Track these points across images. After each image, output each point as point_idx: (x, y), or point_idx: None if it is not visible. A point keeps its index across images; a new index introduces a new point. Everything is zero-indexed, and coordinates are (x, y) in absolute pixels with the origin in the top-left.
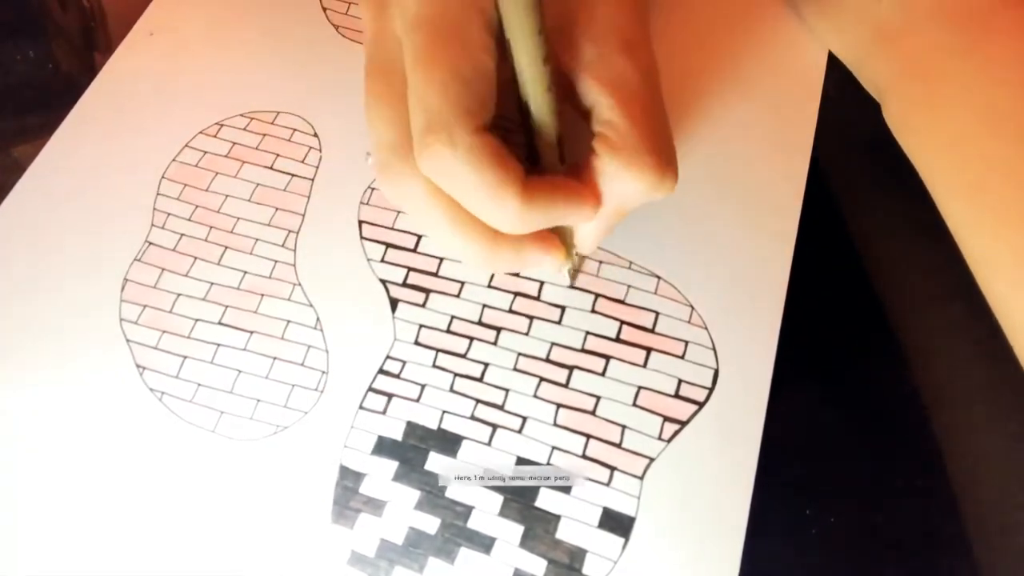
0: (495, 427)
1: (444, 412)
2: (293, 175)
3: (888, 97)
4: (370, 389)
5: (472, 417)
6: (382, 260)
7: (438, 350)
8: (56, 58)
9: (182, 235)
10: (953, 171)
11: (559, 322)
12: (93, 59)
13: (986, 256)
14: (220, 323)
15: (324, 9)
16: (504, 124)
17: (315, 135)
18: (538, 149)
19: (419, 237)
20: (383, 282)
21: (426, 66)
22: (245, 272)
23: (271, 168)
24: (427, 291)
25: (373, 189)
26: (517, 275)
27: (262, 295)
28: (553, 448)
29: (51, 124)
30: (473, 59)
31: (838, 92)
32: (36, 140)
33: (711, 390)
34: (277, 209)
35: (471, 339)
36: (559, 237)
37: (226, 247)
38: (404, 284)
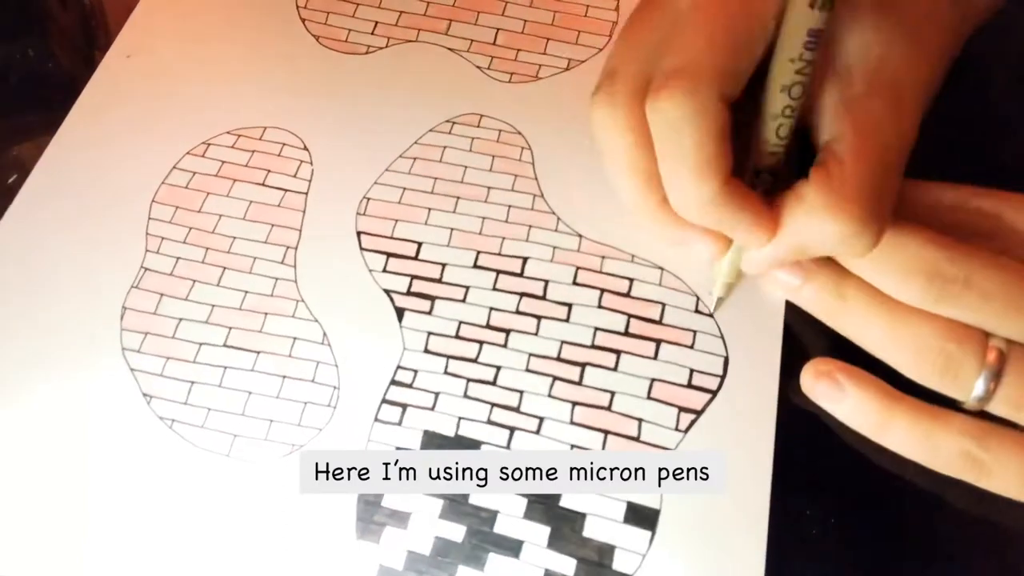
0: (513, 430)
1: (460, 419)
2: (286, 190)
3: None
4: (384, 401)
5: (489, 421)
6: (384, 270)
7: (449, 356)
8: (57, 56)
9: (178, 258)
10: None
11: (567, 320)
12: (94, 57)
13: None
14: (225, 345)
15: (303, 20)
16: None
17: (305, 148)
18: (757, 157)
19: (420, 244)
20: (387, 292)
21: (709, 14)
22: (246, 292)
23: (263, 184)
24: (432, 298)
25: (369, 199)
26: (523, 276)
27: (265, 314)
28: (572, 447)
29: (52, 122)
30: (751, 30)
31: None
32: (37, 138)
33: (723, 377)
34: (273, 226)
35: (481, 343)
36: (727, 238)
37: (224, 268)
38: (408, 292)
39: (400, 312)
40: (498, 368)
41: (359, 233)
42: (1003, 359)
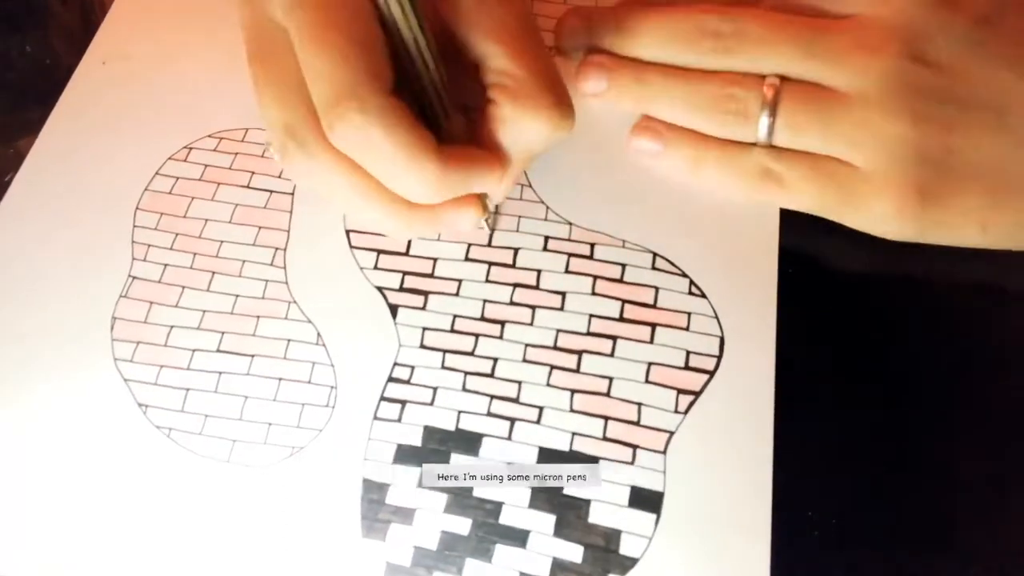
0: (513, 420)
1: (460, 412)
2: (272, 191)
3: None
4: (382, 398)
5: (488, 413)
6: (375, 267)
7: (445, 351)
8: (56, 51)
9: (166, 265)
10: None
11: (561, 308)
12: None
13: None
14: (219, 351)
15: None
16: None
17: None
18: (433, 113)
19: (409, 240)
20: (380, 289)
21: (319, 39)
22: (237, 296)
23: (248, 187)
24: (425, 293)
25: None
26: (515, 267)
27: (258, 317)
28: (573, 434)
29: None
30: (365, 25)
31: None
32: (36, 134)
33: (719, 357)
34: (260, 228)
35: (476, 336)
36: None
37: (213, 272)
38: (401, 289)
39: (394, 309)
40: (495, 360)
41: (348, 231)
42: (778, 91)
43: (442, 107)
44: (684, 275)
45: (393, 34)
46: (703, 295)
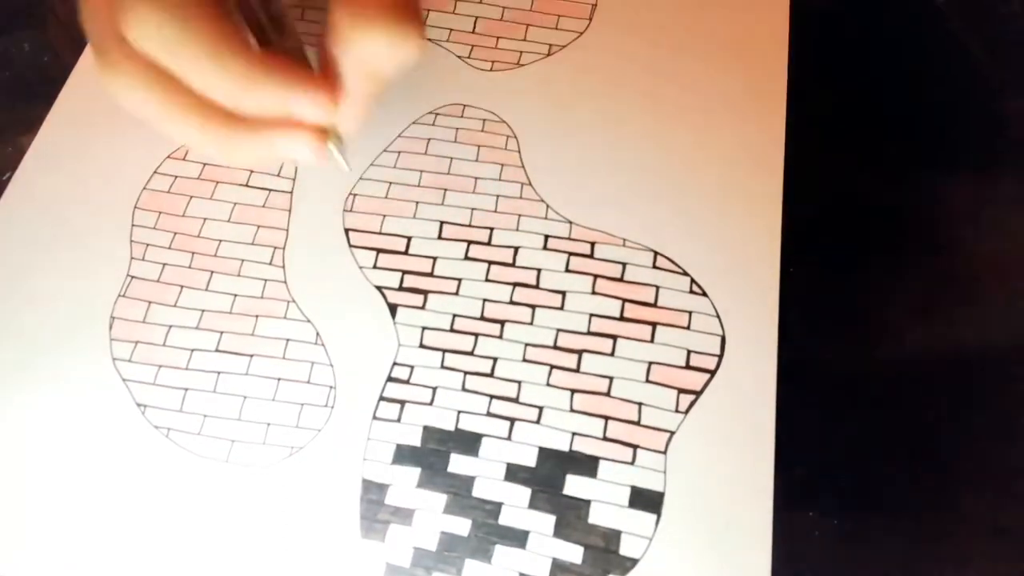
0: (513, 420)
1: (459, 412)
2: (271, 190)
3: None
4: (381, 398)
5: (488, 413)
6: (374, 266)
7: (445, 350)
8: (55, 49)
9: (164, 265)
10: None
11: (561, 307)
12: None
13: None
14: (217, 350)
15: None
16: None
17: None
18: (262, 30)
19: (409, 239)
20: (379, 288)
21: None
22: (235, 295)
23: (247, 185)
24: (425, 292)
25: (355, 196)
26: (515, 266)
27: (257, 316)
28: (573, 434)
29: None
30: None
31: (809, 40)
32: (36, 131)
33: (720, 357)
34: (259, 227)
35: (476, 335)
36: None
37: (212, 272)
38: (400, 288)
39: (393, 308)
40: (495, 359)
41: (347, 230)
42: None
43: (271, 21)
44: (685, 274)
45: None
46: (704, 294)
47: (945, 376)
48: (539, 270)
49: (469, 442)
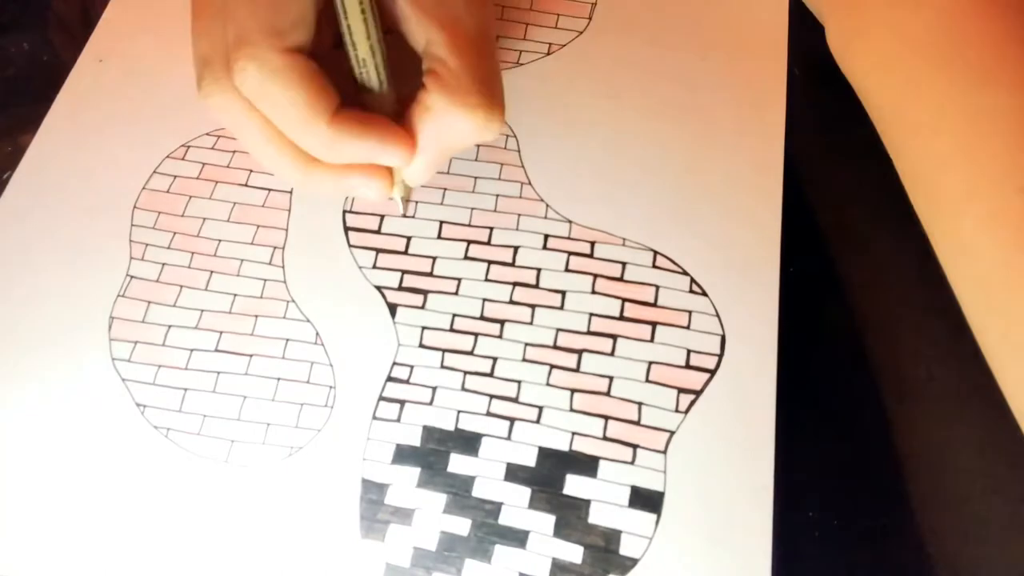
0: (512, 420)
1: (459, 412)
2: (270, 190)
3: (827, 21)
4: (381, 398)
5: (488, 413)
6: (374, 266)
7: (444, 350)
8: (55, 48)
9: (164, 264)
10: (880, 92)
11: (561, 307)
12: None
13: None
14: (217, 350)
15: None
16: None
17: None
18: (359, 79)
19: (408, 238)
20: (378, 288)
21: None
22: (235, 295)
23: (246, 185)
24: (424, 292)
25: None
26: (515, 265)
27: (256, 316)
28: (573, 434)
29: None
30: None
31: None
32: (36, 132)
33: (720, 356)
34: (259, 226)
35: (476, 335)
36: (387, 168)
37: (211, 271)
38: (400, 288)
39: (393, 308)
40: (495, 359)
41: (347, 229)
42: None
43: (375, 75)
44: (685, 273)
45: None
46: (704, 293)
47: (946, 376)
48: (539, 270)
49: (469, 442)
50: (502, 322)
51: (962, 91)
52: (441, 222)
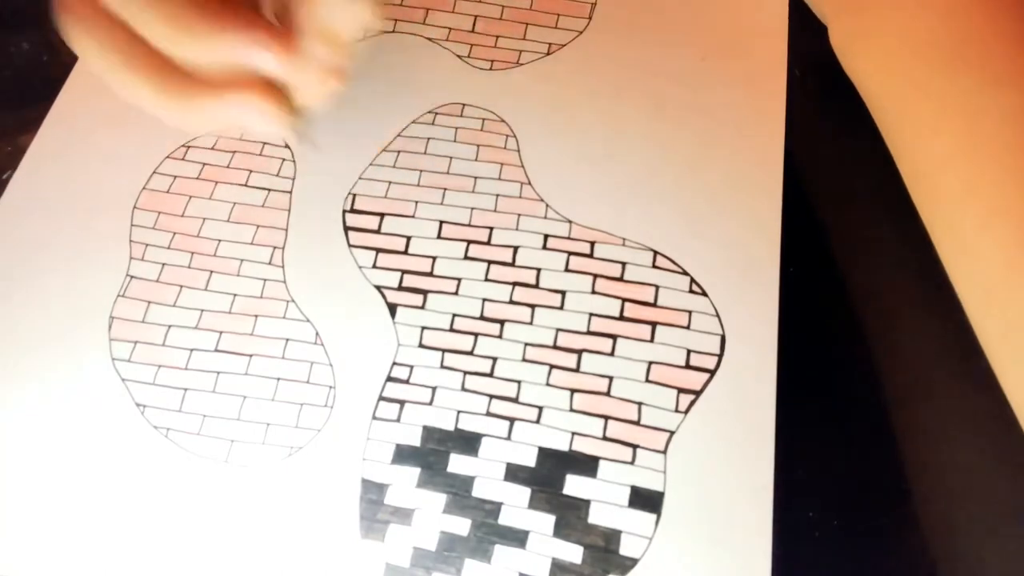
0: (512, 420)
1: (459, 412)
2: (270, 190)
3: (830, 20)
4: (381, 398)
5: (488, 413)
6: (374, 266)
7: (444, 350)
8: (55, 48)
9: (164, 264)
10: (883, 93)
11: (561, 307)
12: None
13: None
14: (217, 350)
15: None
16: None
17: (287, 146)
18: None
19: (408, 238)
20: (378, 288)
21: None
22: (235, 295)
23: (246, 185)
24: (424, 292)
25: (355, 195)
26: (514, 265)
27: (256, 316)
28: (573, 434)
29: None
30: None
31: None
32: (36, 132)
33: (720, 356)
34: (258, 227)
35: (476, 335)
36: (276, 92)
37: (211, 271)
38: (400, 288)
39: (393, 308)
40: (494, 359)
41: (347, 229)
42: None
43: None
44: (685, 273)
45: None
46: (704, 293)
47: (947, 375)
48: (539, 270)
49: (469, 442)
50: (502, 322)
51: (965, 91)
52: (441, 222)
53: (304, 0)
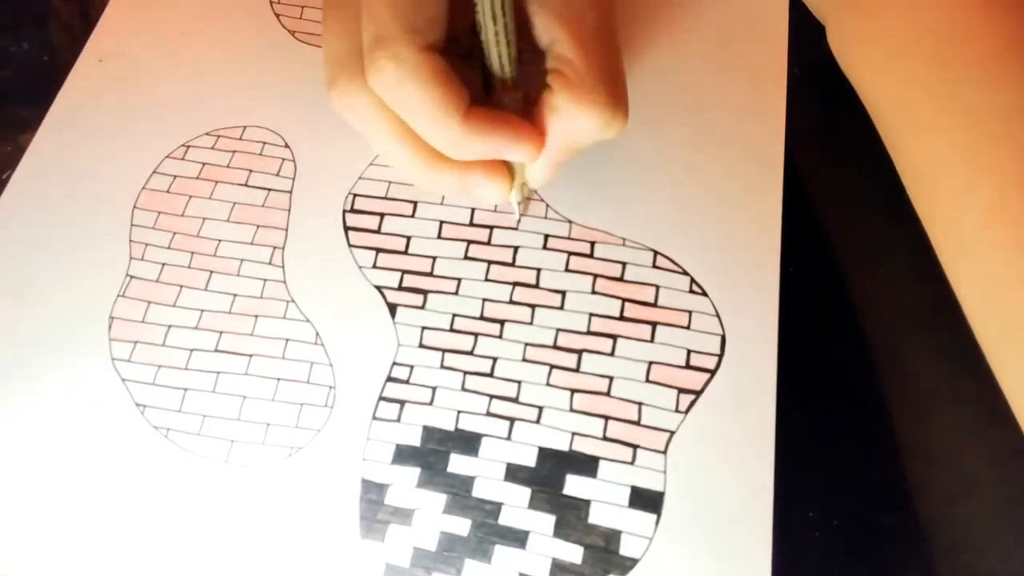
0: (512, 420)
1: (459, 412)
2: (270, 189)
3: (827, 20)
4: (381, 398)
5: (488, 413)
6: (374, 266)
7: (444, 350)
8: (55, 48)
9: (164, 264)
10: (881, 93)
11: (561, 307)
12: None
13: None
14: (217, 350)
15: (277, 16)
16: (460, 51)
17: (286, 146)
18: (491, 78)
19: (408, 238)
20: (378, 288)
21: None
22: (235, 295)
23: (246, 185)
24: (424, 292)
25: (355, 195)
26: (515, 265)
27: (256, 316)
28: (573, 434)
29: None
30: None
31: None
32: (36, 132)
33: (720, 356)
34: (258, 226)
35: (476, 335)
36: (508, 168)
37: (211, 271)
38: (400, 288)
39: (393, 308)
40: (495, 359)
41: (347, 229)
42: None
43: (508, 67)
44: (685, 273)
45: None
46: (704, 293)
47: (947, 375)
48: (539, 270)
49: (469, 442)
50: (502, 322)
51: (964, 91)
52: (441, 222)
53: (561, 117)
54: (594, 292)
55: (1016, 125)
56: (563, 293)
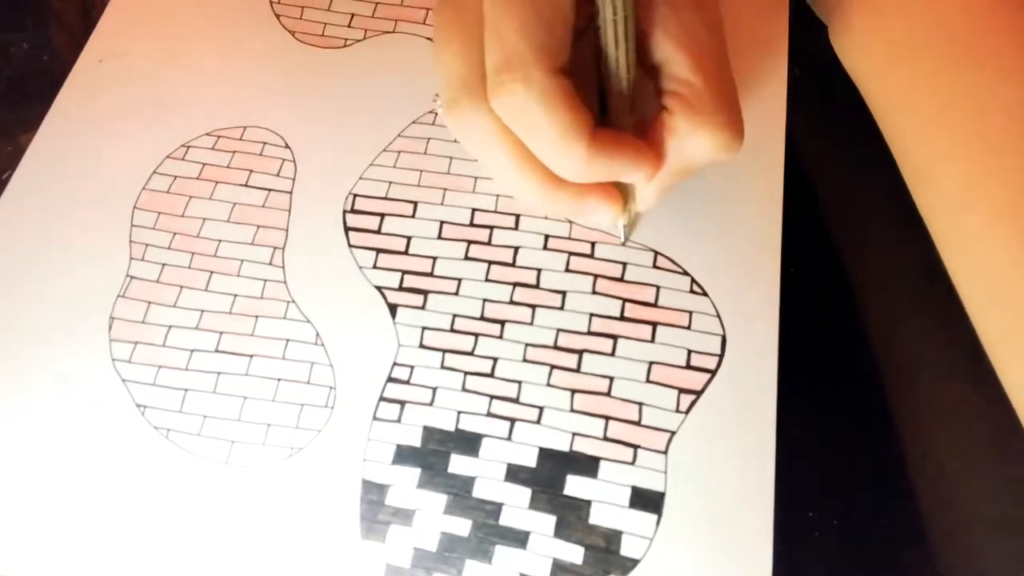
0: (513, 421)
1: (460, 412)
2: (270, 190)
3: (831, 18)
4: (381, 399)
5: (488, 414)
6: (374, 266)
7: (445, 351)
8: (55, 48)
9: (164, 265)
10: (886, 89)
11: (562, 307)
12: None
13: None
14: (217, 351)
15: (277, 16)
16: (572, 71)
17: (287, 146)
18: (609, 100)
19: (409, 238)
20: (379, 289)
21: (507, 3)
22: (235, 295)
23: (246, 185)
24: (425, 292)
25: (355, 195)
26: (515, 266)
27: (256, 316)
28: (574, 434)
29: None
30: (553, 3)
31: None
32: (36, 132)
33: (721, 356)
34: (259, 227)
35: (476, 335)
36: (620, 190)
37: (211, 272)
38: (400, 288)
39: (393, 308)
40: (495, 360)
41: (347, 229)
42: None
43: (623, 97)
44: (685, 273)
45: (599, 13)
46: (705, 293)
47: (948, 375)
48: (539, 270)
49: (469, 442)
50: (502, 322)
51: (970, 86)
52: (441, 222)
53: (679, 140)
54: (594, 292)
55: (1022, 120)
56: (563, 293)
